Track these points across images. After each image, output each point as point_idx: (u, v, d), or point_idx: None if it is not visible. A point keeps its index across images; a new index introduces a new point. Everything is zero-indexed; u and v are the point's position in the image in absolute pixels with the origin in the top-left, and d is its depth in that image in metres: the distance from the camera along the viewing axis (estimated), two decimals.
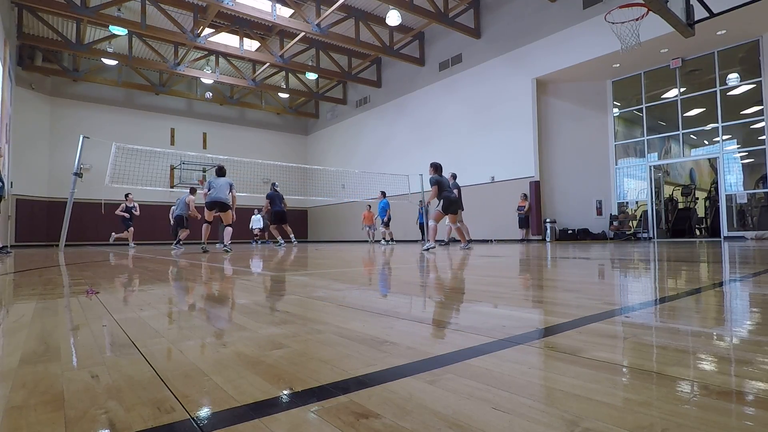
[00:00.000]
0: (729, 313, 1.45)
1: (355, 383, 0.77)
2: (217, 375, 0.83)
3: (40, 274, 3.40)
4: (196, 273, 3.50)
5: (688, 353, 0.93)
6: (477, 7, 13.55)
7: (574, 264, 3.72)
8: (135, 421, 0.63)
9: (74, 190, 8.74)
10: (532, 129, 12.15)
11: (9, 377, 0.84)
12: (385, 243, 12.90)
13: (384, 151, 17.39)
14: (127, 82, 16.86)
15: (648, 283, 2.38)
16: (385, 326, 1.26)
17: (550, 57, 11.71)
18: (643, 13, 7.08)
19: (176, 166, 18.07)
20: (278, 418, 0.63)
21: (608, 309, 1.49)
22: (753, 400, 0.67)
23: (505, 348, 1.00)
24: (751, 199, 10.24)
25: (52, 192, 15.52)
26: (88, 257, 6.31)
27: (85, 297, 2.02)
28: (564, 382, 0.76)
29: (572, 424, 0.58)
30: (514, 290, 2.09)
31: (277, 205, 11.10)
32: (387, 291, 2.20)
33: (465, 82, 14.06)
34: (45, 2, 11.30)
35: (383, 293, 2.12)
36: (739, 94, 10.25)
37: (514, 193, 12.42)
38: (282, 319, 1.43)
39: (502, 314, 1.45)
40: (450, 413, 0.63)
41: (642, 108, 11.65)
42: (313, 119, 22.30)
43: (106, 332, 1.26)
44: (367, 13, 14.01)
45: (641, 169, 11.81)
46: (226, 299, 1.99)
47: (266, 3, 12.59)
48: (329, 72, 16.57)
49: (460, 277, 2.90)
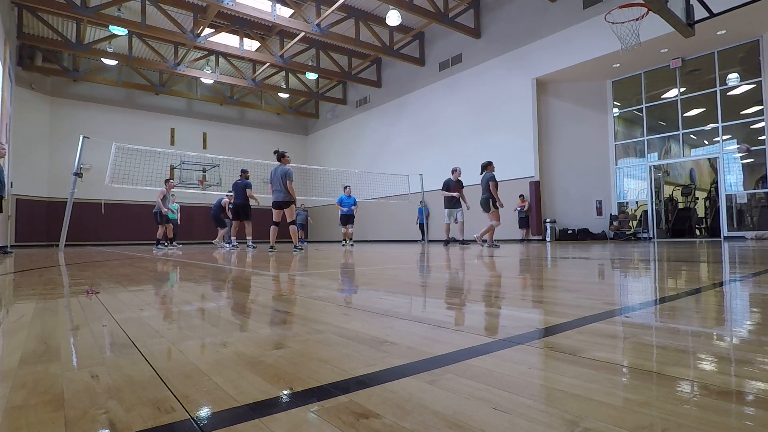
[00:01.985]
0: (729, 313, 1.45)
1: (355, 383, 0.77)
2: (217, 375, 0.83)
3: (40, 274, 3.40)
4: (197, 272, 3.50)
5: (688, 353, 0.93)
6: (477, 7, 13.56)
7: (574, 264, 3.72)
8: (135, 421, 0.63)
9: (74, 190, 8.74)
10: (532, 129, 12.15)
11: (9, 377, 0.84)
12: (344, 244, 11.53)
13: (384, 151, 17.39)
14: (127, 82, 16.86)
15: (648, 283, 2.38)
16: (385, 326, 1.26)
17: (550, 57, 11.71)
18: (643, 13, 7.08)
19: (176, 166, 18.06)
20: (278, 418, 0.63)
21: (608, 309, 1.49)
22: (753, 400, 0.67)
23: (505, 348, 1.00)
24: (751, 199, 10.24)
25: (52, 192, 15.52)
26: (88, 257, 6.31)
27: (85, 297, 2.02)
28: (564, 382, 0.76)
29: (572, 424, 0.58)
30: (514, 290, 2.09)
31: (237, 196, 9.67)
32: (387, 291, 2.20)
33: (465, 82, 14.07)
34: (45, 2, 11.30)
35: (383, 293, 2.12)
36: (739, 94, 10.25)
37: (514, 193, 12.42)
38: (282, 319, 1.44)
39: (502, 314, 1.45)
40: (450, 413, 0.63)
41: (642, 108, 11.65)
42: (313, 119, 22.30)
43: (106, 332, 1.26)
44: (367, 13, 14.01)
45: (641, 169, 11.81)
46: (226, 299, 1.99)
47: (266, 3, 12.59)
48: (329, 72, 16.57)
49: (460, 277, 2.90)
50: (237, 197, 9.70)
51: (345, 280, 2.80)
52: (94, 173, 14.37)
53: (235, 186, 9.76)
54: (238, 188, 9.66)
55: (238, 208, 9.71)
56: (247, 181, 9.72)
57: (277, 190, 7.40)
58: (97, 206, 14.75)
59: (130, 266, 4.27)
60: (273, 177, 7.43)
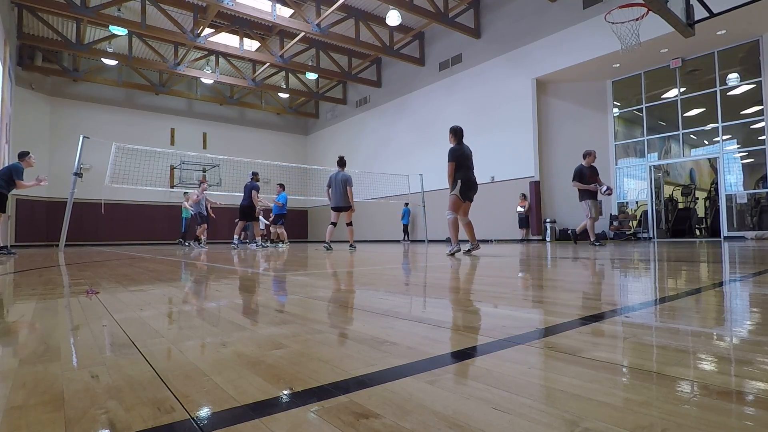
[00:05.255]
0: (729, 313, 1.45)
1: (355, 383, 0.77)
2: (217, 375, 0.83)
3: (40, 274, 3.40)
4: (197, 274, 3.50)
5: (688, 353, 0.93)
6: (477, 7, 13.56)
7: (574, 264, 3.72)
8: (135, 421, 0.63)
9: (74, 190, 8.74)
10: (532, 129, 12.15)
11: (9, 377, 0.84)
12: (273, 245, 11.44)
13: (384, 151, 17.38)
14: (127, 82, 16.87)
15: (648, 283, 2.38)
16: (385, 326, 1.26)
17: (550, 57, 11.71)
18: (643, 13, 7.08)
19: (176, 166, 18.07)
20: (278, 418, 0.63)
21: (608, 309, 1.49)
22: (753, 400, 0.67)
23: (505, 348, 1.00)
24: (751, 199, 10.24)
25: (52, 192, 15.51)
26: (88, 257, 6.31)
27: (85, 297, 2.02)
28: (564, 382, 0.76)
29: (572, 424, 0.58)
30: (514, 290, 2.09)
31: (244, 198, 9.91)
32: (388, 291, 2.20)
33: (465, 82, 14.06)
34: (45, 2, 11.30)
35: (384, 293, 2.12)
36: (739, 94, 10.25)
37: (514, 193, 12.42)
38: (282, 319, 1.43)
39: (502, 314, 1.45)
40: (450, 413, 0.63)
41: (642, 108, 11.65)
42: (313, 119, 22.30)
43: (106, 332, 1.26)
44: (367, 13, 14.01)
45: (641, 169, 11.81)
46: (226, 299, 1.99)
47: (266, 3, 12.59)
48: (329, 72, 16.57)
49: (460, 277, 2.90)
50: (243, 198, 9.95)
51: (344, 279, 2.80)
52: (94, 173, 14.38)
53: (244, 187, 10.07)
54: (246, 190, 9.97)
55: (244, 209, 9.90)
56: (255, 184, 9.97)
57: (336, 194, 7.99)
58: (97, 206, 14.75)
59: (130, 266, 4.26)
60: (333, 182, 8.01)
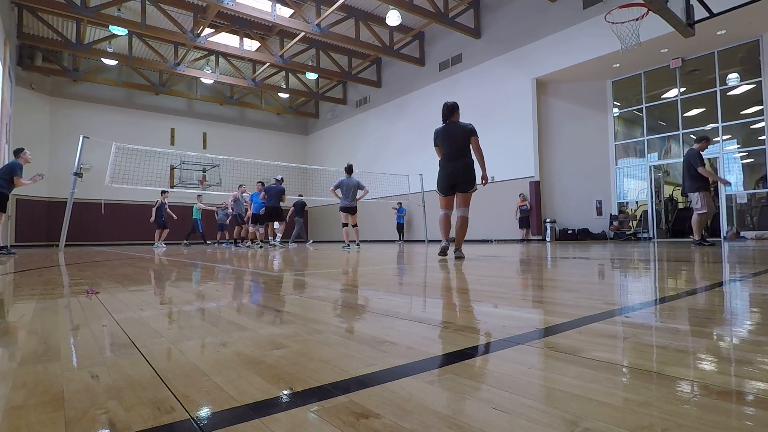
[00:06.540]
0: (729, 313, 1.45)
1: (355, 383, 0.77)
2: (217, 375, 0.83)
3: (40, 274, 3.40)
4: (199, 273, 3.50)
5: (688, 353, 0.93)
6: (477, 7, 13.56)
7: (574, 264, 3.72)
8: (135, 421, 0.63)
9: (74, 190, 8.75)
10: (532, 129, 12.15)
11: (9, 377, 0.84)
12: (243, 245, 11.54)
13: (384, 151, 17.39)
14: (127, 82, 16.87)
15: (648, 283, 2.38)
16: (385, 326, 1.26)
17: (550, 57, 11.72)
18: (643, 13, 7.09)
19: (176, 166, 18.07)
20: (278, 418, 0.63)
21: (608, 309, 1.49)
22: (753, 400, 0.67)
23: (505, 348, 1.00)
24: (751, 199, 10.24)
25: (52, 192, 15.52)
26: (88, 257, 6.31)
27: (85, 297, 2.02)
28: (564, 382, 0.76)
29: (572, 424, 0.58)
30: (514, 290, 2.09)
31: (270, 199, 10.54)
32: (388, 291, 2.20)
33: (465, 82, 14.07)
34: (45, 2, 11.30)
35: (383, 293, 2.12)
36: (739, 94, 10.26)
37: (514, 193, 12.42)
38: (282, 319, 1.43)
39: (502, 314, 1.45)
40: (450, 413, 0.63)
41: (642, 108, 11.65)
42: (313, 119, 22.30)
43: (106, 332, 1.26)
44: (367, 13, 14.01)
45: (641, 169, 11.81)
46: (226, 299, 1.99)
47: (266, 3, 12.59)
48: (329, 72, 16.57)
49: (459, 277, 2.90)
50: (269, 200, 10.52)
51: (344, 280, 2.80)
52: (94, 173, 14.38)
53: (268, 189, 10.60)
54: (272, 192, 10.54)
55: (271, 211, 10.62)
56: (281, 187, 10.66)
57: (347, 197, 8.63)
58: (97, 206, 14.76)
59: (130, 266, 4.27)
60: (345, 185, 8.66)
